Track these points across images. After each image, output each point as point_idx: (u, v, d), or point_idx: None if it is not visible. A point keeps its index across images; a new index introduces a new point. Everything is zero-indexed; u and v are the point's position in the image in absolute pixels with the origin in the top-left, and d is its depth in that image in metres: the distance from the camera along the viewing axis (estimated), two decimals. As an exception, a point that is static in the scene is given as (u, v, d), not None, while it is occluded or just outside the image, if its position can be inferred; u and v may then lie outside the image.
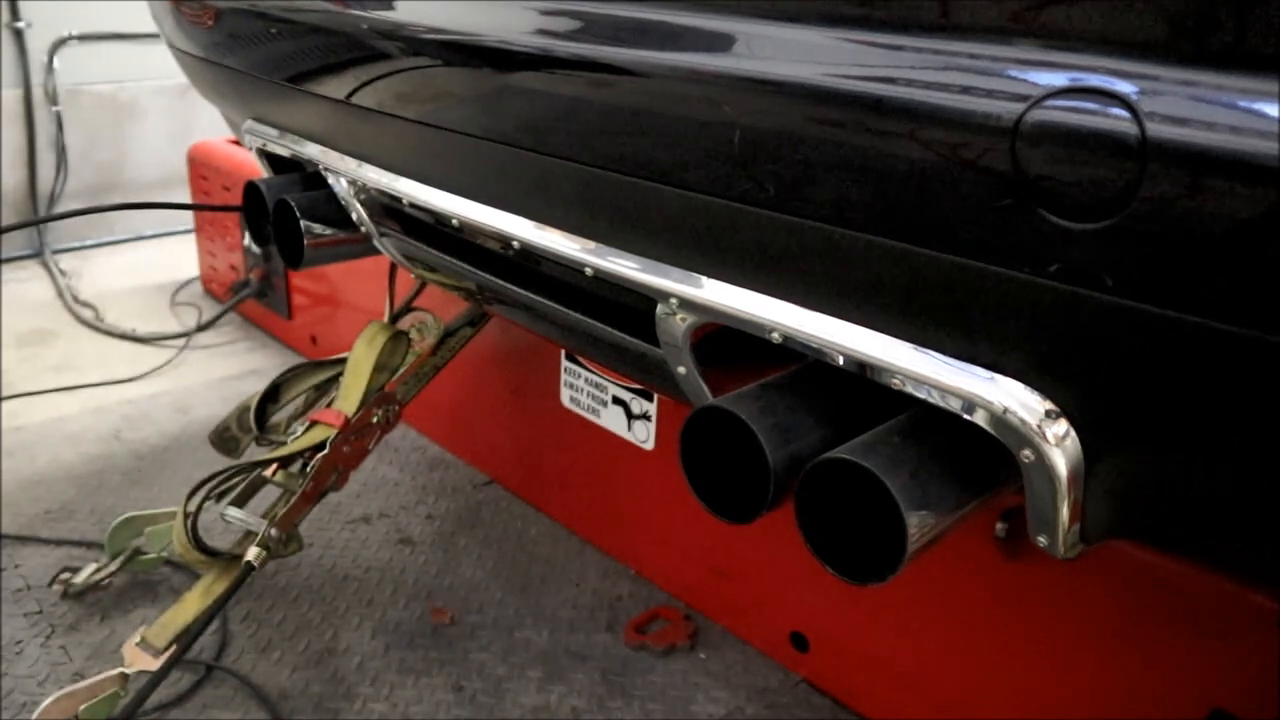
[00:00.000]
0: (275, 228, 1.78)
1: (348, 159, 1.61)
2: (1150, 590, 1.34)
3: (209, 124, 3.97)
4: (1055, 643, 1.46)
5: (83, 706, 1.55)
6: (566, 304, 1.32)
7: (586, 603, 2.05)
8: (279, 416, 2.05)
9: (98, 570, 1.99)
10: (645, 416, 1.96)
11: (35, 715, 1.53)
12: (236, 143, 3.21)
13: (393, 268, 2.10)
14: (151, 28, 2.25)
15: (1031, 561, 1.46)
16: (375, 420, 1.89)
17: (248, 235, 3.23)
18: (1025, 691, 1.51)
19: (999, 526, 1.44)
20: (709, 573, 1.98)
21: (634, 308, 1.15)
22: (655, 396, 1.93)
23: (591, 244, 1.17)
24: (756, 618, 1.92)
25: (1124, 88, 0.68)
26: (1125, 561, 1.35)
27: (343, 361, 1.99)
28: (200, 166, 3.36)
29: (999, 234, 0.75)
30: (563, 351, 2.11)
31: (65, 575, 2.01)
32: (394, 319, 2.07)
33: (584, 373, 2.06)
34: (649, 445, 1.97)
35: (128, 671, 1.61)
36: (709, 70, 0.94)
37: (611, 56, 1.04)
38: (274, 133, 1.82)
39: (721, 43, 0.95)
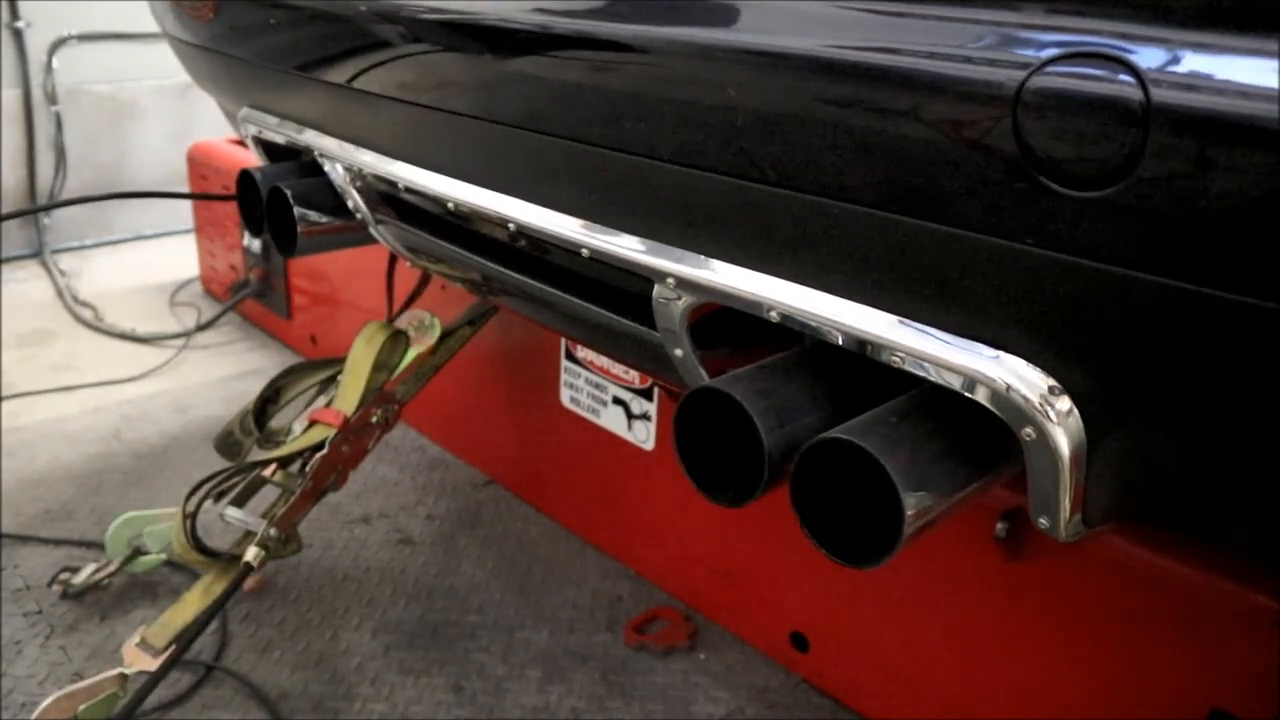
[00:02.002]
0: (269, 215, 1.78)
1: (345, 144, 1.61)
2: (1150, 590, 1.33)
3: (209, 124, 3.97)
4: (1055, 643, 1.46)
5: (82, 707, 1.55)
6: (563, 288, 1.32)
7: (586, 603, 2.05)
8: (281, 420, 2.05)
9: (97, 570, 1.99)
10: (645, 416, 1.96)
11: (35, 715, 1.53)
12: (238, 142, 3.21)
13: (390, 268, 2.10)
14: (151, 27, 2.25)
15: (1031, 562, 1.46)
16: (374, 420, 1.89)
17: (248, 235, 3.23)
18: (1025, 692, 1.51)
19: (999, 526, 1.43)
20: (709, 573, 1.98)
21: (632, 291, 1.15)
22: (655, 396, 1.92)
23: (587, 224, 1.17)
24: (756, 618, 1.92)
25: (1128, 52, 0.67)
26: (1126, 562, 1.35)
27: (341, 361, 1.99)
28: (200, 166, 3.36)
29: (1001, 204, 0.74)
30: (563, 351, 2.11)
31: (65, 575, 2.01)
32: (393, 318, 2.07)
33: (584, 373, 2.06)
34: (649, 445, 1.97)
35: (127, 672, 1.61)
36: (705, 43, 0.94)
37: (608, 32, 1.04)
38: (271, 120, 1.82)
39: (717, 15, 0.94)
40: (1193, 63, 0.65)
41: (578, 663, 1.89)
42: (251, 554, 1.71)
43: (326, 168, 1.68)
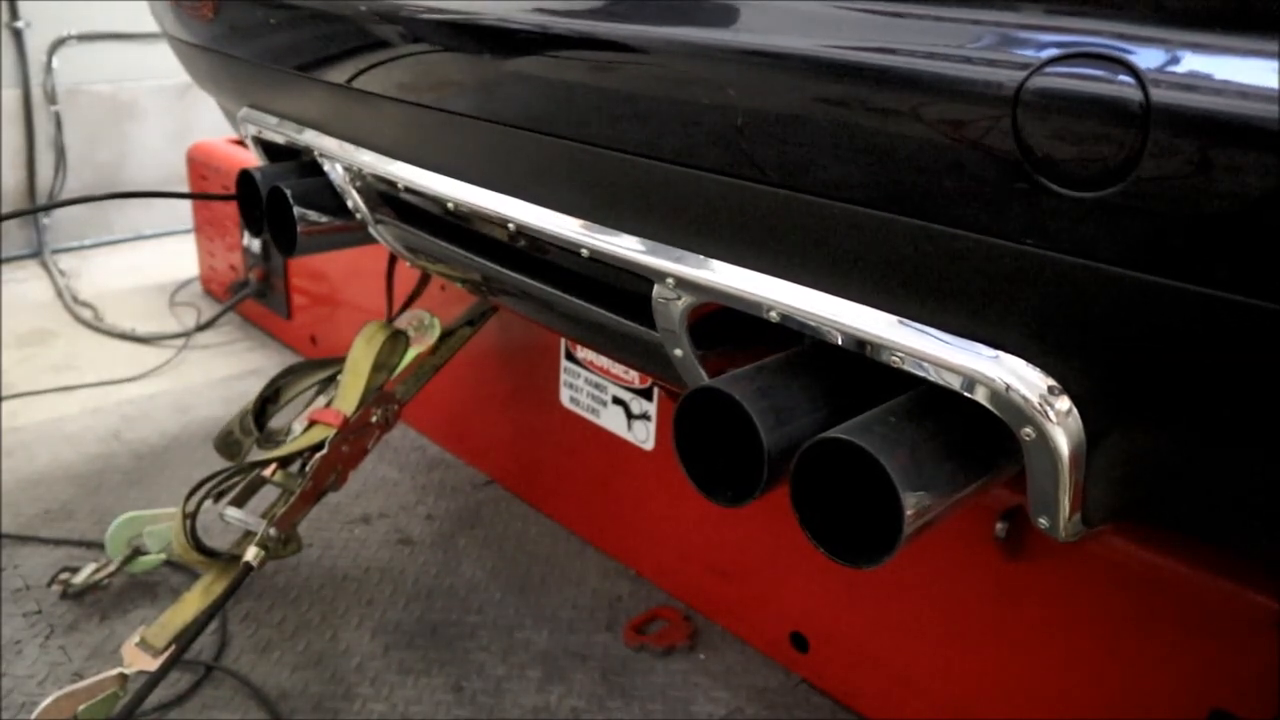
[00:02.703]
0: (269, 215, 1.78)
1: (344, 144, 1.62)
2: (1150, 590, 1.33)
3: (209, 124, 3.97)
4: (1055, 643, 1.46)
5: (82, 707, 1.55)
6: (562, 288, 1.32)
7: (586, 603, 2.05)
8: (281, 420, 2.05)
9: (97, 570, 1.99)
10: (645, 416, 1.96)
11: (34, 715, 1.53)
12: (238, 142, 3.21)
13: (390, 268, 2.10)
14: (151, 27, 2.25)
15: (1031, 562, 1.46)
16: (374, 420, 1.89)
17: (247, 235, 3.23)
18: (1025, 692, 1.51)
19: (999, 526, 1.43)
20: (709, 573, 1.98)
21: (632, 291, 1.15)
22: (655, 396, 1.92)
23: (587, 224, 1.17)
24: (756, 618, 1.92)
25: (1128, 52, 0.67)
26: (1126, 562, 1.35)
27: (341, 361, 1.98)
28: (200, 166, 3.36)
29: (1000, 205, 0.75)
30: (562, 351, 2.11)
31: (64, 575, 2.01)
32: (392, 318, 2.07)
33: (584, 373, 2.06)
34: (649, 445, 1.97)
35: (127, 672, 1.61)
36: (704, 43, 0.94)
37: (608, 32, 1.04)
38: (271, 120, 1.82)
39: (717, 15, 0.94)
40: (1192, 63, 0.65)
41: (578, 663, 1.89)
42: (251, 554, 1.71)
43: (326, 168, 1.68)
